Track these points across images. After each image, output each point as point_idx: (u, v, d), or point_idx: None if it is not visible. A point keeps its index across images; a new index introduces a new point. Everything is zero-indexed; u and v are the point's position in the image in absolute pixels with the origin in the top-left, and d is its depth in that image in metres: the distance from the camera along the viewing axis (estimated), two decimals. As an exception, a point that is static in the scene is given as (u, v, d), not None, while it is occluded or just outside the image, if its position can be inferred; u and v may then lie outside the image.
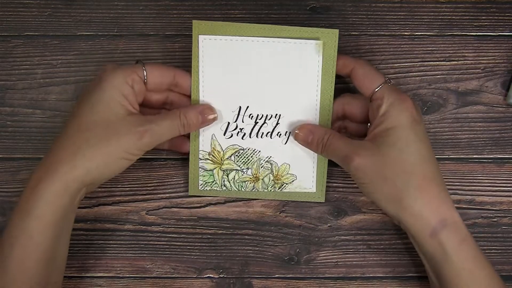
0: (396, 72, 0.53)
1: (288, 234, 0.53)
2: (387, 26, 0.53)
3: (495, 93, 0.53)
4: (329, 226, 0.53)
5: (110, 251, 0.52)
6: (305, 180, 0.51)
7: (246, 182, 0.51)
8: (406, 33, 0.53)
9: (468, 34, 0.53)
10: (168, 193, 0.53)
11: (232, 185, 0.51)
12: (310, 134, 0.49)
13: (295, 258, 0.52)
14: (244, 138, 0.50)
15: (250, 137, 0.50)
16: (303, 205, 0.53)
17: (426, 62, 0.53)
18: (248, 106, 0.50)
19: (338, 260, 0.52)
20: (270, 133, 0.50)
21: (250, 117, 0.50)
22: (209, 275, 0.52)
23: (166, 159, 0.53)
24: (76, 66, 0.53)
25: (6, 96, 0.53)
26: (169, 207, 0.53)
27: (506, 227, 0.52)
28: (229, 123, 0.50)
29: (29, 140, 0.53)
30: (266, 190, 0.51)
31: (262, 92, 0.49)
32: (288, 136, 0.50)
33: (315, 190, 0.51)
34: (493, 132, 0.53)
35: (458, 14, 0.53)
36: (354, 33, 0.53)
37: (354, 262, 0.52)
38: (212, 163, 0.51)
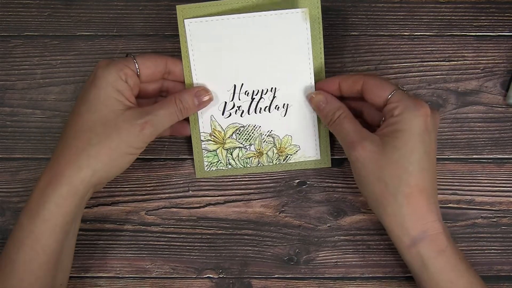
0: (395, 72, 0.53)
1: (287, 234, 0.53)
2: (387, 26, 0.53)
3: (495, 93, 0.53)
4: (328, 226, 0.53)
5: (109, 251, 0.52)
6: (308, 148, 0.52)
7: (251, 158, 0.52)
8: (405, 33, 0.53)
9: (467, 34, 0.53)
10: (167, 193, 0.53)
11: (237, 162, 0.52)
12: (324, 101, 0.48)
13: (295, 258, 0.52)
14: (243, 116, 0.51)
15: (249, 113, 0.51)
16: (303, 205, 0.53)
17: (426, 62, 0.53)
18: (242, 84, 0.50)
19: (338, 260, 0.52)
20: (268, 107, 0.51)
21: (246, 94, 0.50)
22: (208, 275, 0.52)
23: (166, 159, 0.53)
24: (75, 66, 0.53)
25: (6, 96, 0.53)
26: (168, 207, 0.53)
27: (505, 227, 0.52)
28: (226, 103, 0.50)
29: (28, 140, 0.53)
30: (272, 164, 0.52)
31: (255, 67, 0.50)
32: (286, 108, 0.51)
33: (320, 157, 0.52)
34: (492, 132, 0.53)
35: (457, 14, 0.53)
36: (353, 33, 0.53)
37: (353, 262, 0.52)
38: (214, 144, 0.51)
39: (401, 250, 0.46)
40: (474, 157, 0.53)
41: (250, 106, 0.51)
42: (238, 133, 0.51)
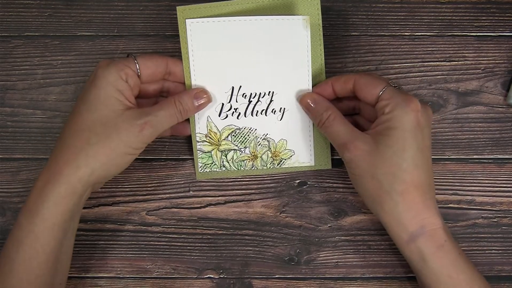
0: (396, 72, 0.53)
1: (288, 235, 0.53)
2: (388, 26, 0.53)
3: (495, 93, 0.53)
4: (329, 226, 0.53)
5: (110, 252, 0.52)
6: (303, 154, 0.52)
7: (245, 161, 0.52)
8: (406, 33, 0.53)
9: (468, 34, 0.53)
10: (168, 193, 0.53)
11: (231, 165, 0.52)
12: (313, 102, 0.49)
13: (295, 258, 0.52)
14: (239, 118, 0.51)
15: (245, 116, 0.51)
16: (304, 205, 0.53)
17: (426, 63, 0.53)
18: (240, 86, 0.50)
19: (339, 260, 0.52)
20: (264, 110, 0.51)
21: (243, 96, 0.50)
22: (209, 276, 0.52)
23: (166, 160, 0.53)
24: (76, 66, 0.53)
25: (6, 96, 0.53)
26: (169, 208, 0.53)
27: (506, 228, 0.52)
28: (223, 104, 0.50)
29: (29, 140, 0.53)
30: (265, 167, 0.52)
31: (253, 70, 0.50)
32: (283, 112, 0.51)
33: (314, 164, 0.52)
34: (493, 132, 0.53)
35: (458, 14, 0.53)
36: (354, 33, 0.53)
37: (354, 263, 0.52)
38: (209, 145, 0.51)
39: (400, 247, 0.46)
40: (474, 157, 0.53)
41: (247, 108, 0.51)
42: (233, 135, 0.51)
